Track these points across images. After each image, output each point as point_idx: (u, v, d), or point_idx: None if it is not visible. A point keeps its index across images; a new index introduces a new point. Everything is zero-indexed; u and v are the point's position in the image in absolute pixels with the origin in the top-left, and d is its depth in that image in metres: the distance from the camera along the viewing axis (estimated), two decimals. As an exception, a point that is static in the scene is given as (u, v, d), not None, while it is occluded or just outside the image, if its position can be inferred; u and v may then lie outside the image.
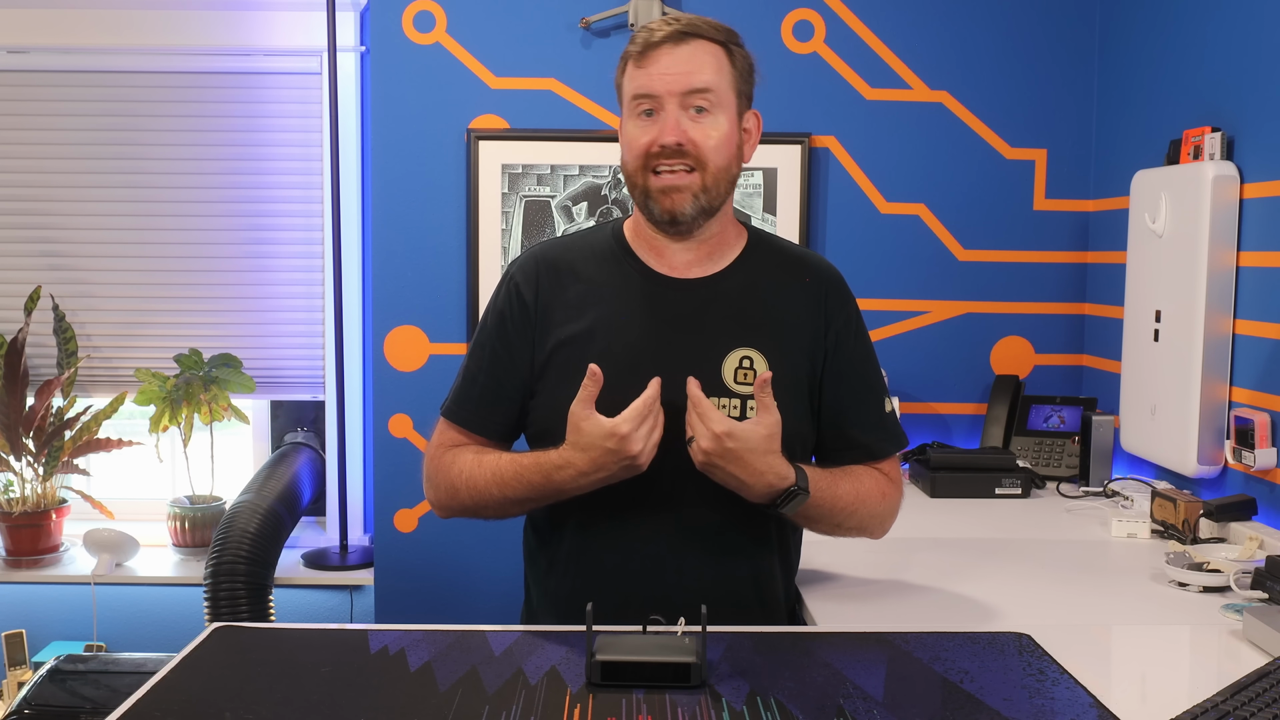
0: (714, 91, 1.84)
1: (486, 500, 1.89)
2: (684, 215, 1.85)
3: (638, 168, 1.87)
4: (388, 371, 3.41)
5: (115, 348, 3.79)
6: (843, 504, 1.89)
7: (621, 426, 1.72)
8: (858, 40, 3.35)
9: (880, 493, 1.96)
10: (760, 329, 1.91)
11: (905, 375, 3.37)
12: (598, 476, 1.78)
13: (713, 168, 1.85)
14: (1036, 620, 1.89)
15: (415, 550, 3.44)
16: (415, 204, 3.37)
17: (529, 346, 1.92)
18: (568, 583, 1.93)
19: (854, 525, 1.94)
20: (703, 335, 1.89)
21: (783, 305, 1.94)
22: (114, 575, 3.57)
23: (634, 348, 1.87)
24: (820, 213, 3.38)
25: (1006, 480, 2.92)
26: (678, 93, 1.82)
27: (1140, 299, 2.89)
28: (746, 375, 1.87)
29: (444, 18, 3.32)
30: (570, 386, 1.80)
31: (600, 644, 1.53)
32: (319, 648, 1.67)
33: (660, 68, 1.83)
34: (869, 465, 1.98)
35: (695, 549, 1.88)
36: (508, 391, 1.94)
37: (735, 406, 1.86)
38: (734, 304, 1.92)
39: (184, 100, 3.72)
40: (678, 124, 1.82)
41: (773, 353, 1.89)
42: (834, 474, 1.89)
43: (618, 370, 1.82)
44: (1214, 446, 2.62)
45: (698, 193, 1.84)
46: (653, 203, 1.86)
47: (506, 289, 1.96)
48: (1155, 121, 3.01)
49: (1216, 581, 2.08)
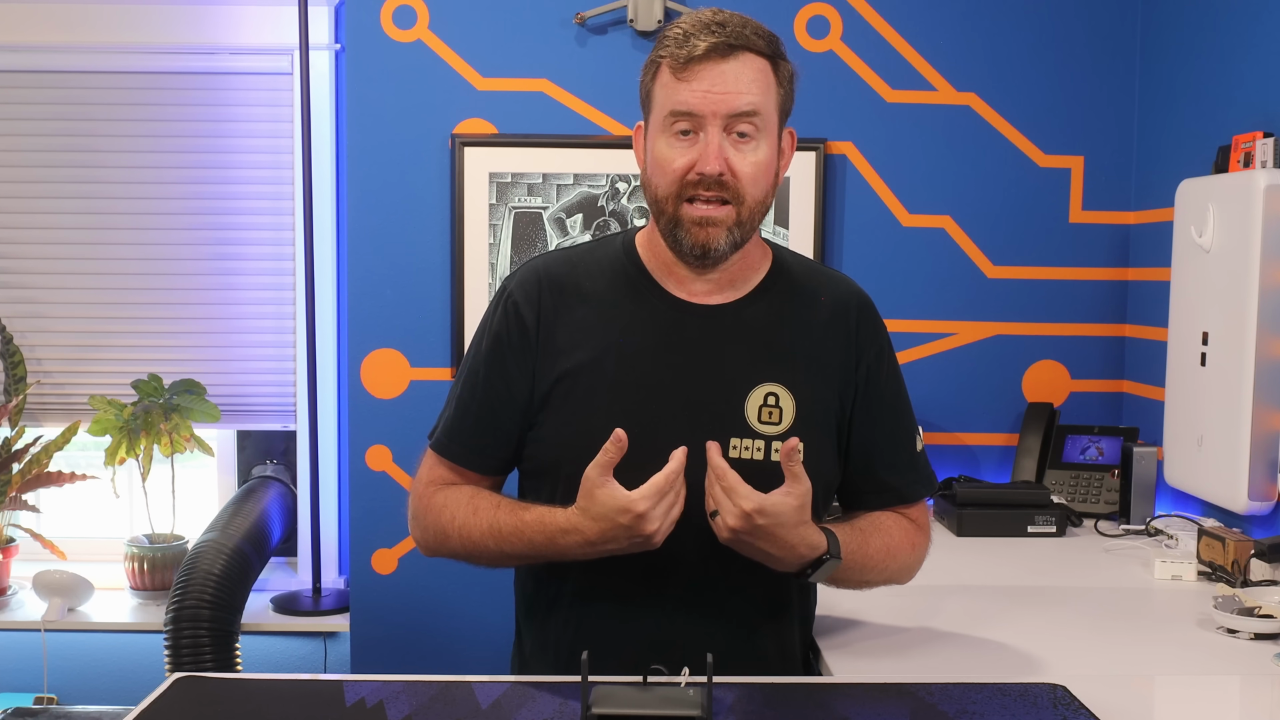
0: (760, 115, 1.81)
1: (480, 552, 1.88)
2: (717, 251, 1.84)
3: (670, 194, 1.83)
4: (365, 399, 3.42)
5: (68, 373, 3.80)
6: (873, 562, 1.89)
7: (639, 505, 1.70)
8: (877, 37, 3.37)
9: (910, 543, 1.97)
10: (786, 362, 1.90)
11: (930, 403, 3.38)
12: (606, 548, 1.76)
13: (750, 201, 1.83)
14: (1073, 670, 1.90)
15: (395, 594, 3.44)
16: (395, 216, 3.39)
17: (529, 375, 1.90)
18: (569, 631, 1.92)
19: (881, 580, 1.95)
20: (723, 369, 1.88)
21: (811, 336, 1.93)
22: (66, 621, 3.57)
23: (647, 381, 1.86)
24: (837, 226, 3.40)
25: (1040, 517, 2.93)
26: (723, 114, 1.79)
27: (1186, 320, 2.90)
28: (772, 414, 1.86)
29: (426, 13, 3.35)
30: (574, 421, 1.81)
31: (597, 696, 1.54)
32: (290, 700, 1.67)
33: (704, 84, 1.79)
34: (897, 511, 1.98)
35: (705, 600, 1.88)
36: (503, 424, 1.92)
37: (759, 449, 1.85)
38: (758, 334, 1.91)
39: (143, 103, 3.74)
40: (720, 151, 1.80)
41: (801, 389, 1.88)
42: (863, 531, 1.90)
43: (627, 407, 1.83)
44: (1266, 481, 2.63)
45: (732, 227, 1.83)
46: (683, 234, 1.84)
47: (504, 308, 1.94)
48: (1202, 126, 3.03)
49: (1269, 628, 2.09)
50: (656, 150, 1.85)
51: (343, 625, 3.57)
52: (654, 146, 1.86)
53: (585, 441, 1.78)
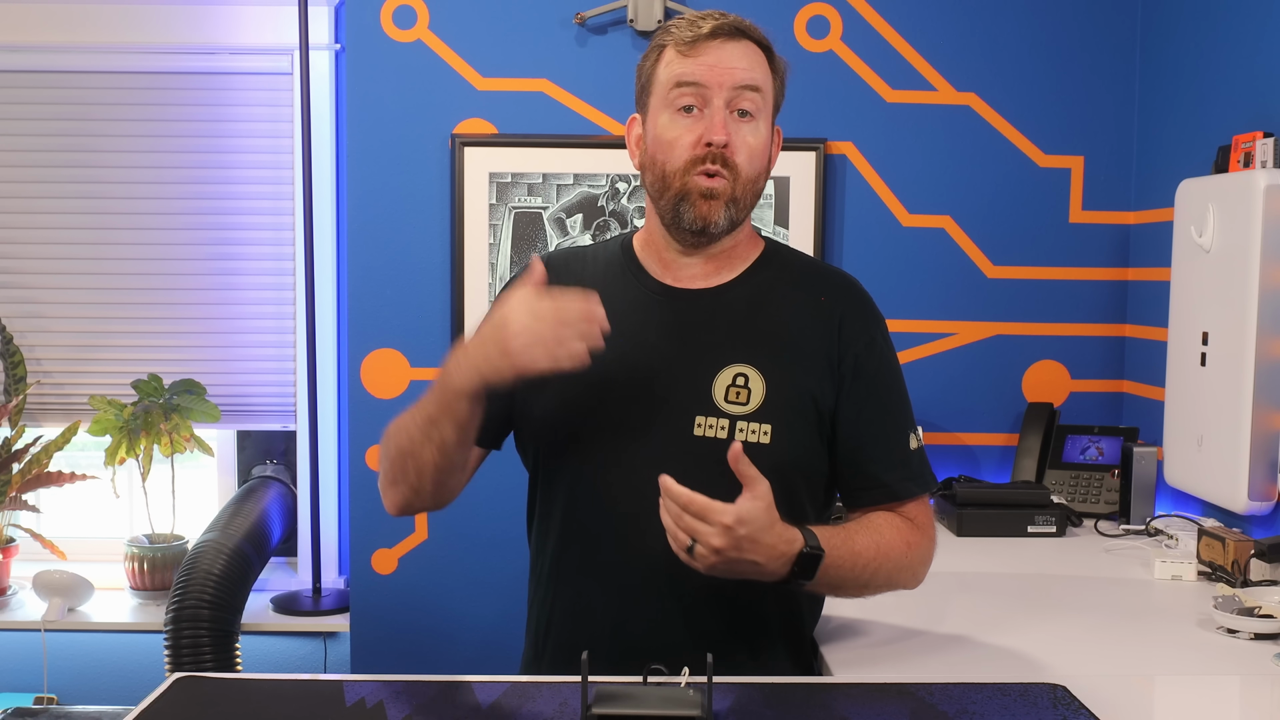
0: (761, 93, 1.89)
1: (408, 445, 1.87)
2: (716, 225, 1.88)
3: (678, 169, 1.87)
4: (365, 399, 3.43)
5: (68, 373, 3.81)
6: (864, 560, 1.85)
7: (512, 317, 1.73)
8: (877, 37, 3.37)
9: (905, 542, 1.92)
10: (762, 345, 1.91)
11: (929, 403, 3.38)
12: (467, 361, 1.77)
13: (745, 179, 1.88)
14: (1073, 670, 1.90)
15: (395, 593, 3.45)
16: (395, 216, 3.39)
17: None
18: (565, 631, 1.94)
19: (882, 582, 1.91)
20: (695, 348, 1.91)
21: (792, 322, 1.94)
22: (66, 621, 3.57)
23: (619, 360, 1.88)
24: (837, 225, 3.40)
25: (1040, 517, 2.93)
26: (728, 86, 1.85)
27: (1186, 320, 2.90)
28: (740, 394, 1.88)
29: (426, 13, 3.35)
30: (546, 394, 1.88)
31: (597, 696, 1.54)
32: (289, 700, 1.67)
33: (710, 59, 1.86)
34: (891, 510, 1.97)
35: (706, 596, 1.88)
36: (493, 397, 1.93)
37: (724, 427, 1.86)
38: (735, 317, 1.93)
39: (143, 103, 3.74)
40: (725, 122, 1.85)
41: (774, 372, 1.89)
42: (848, 529, 1.88)
43: (597, 382, 1.86)
44: (1266, 480, 2.63)
45: (729, 202, 1.87)
46: (688, 207, 1.87)
47: (502, 297, 1.99)
48: (1202, 126, 3.03)
49: (1269, 628, 2.09)
50: (659, 128, 1.89)
51: (343, 625, 3.57)
52: (656, 125, 1.90)
53: (556, 416, 1.92)
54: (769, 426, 1.86)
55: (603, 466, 1.90)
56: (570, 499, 1.94)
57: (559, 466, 1.95)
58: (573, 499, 1.93)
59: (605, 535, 1.91)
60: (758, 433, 1.86)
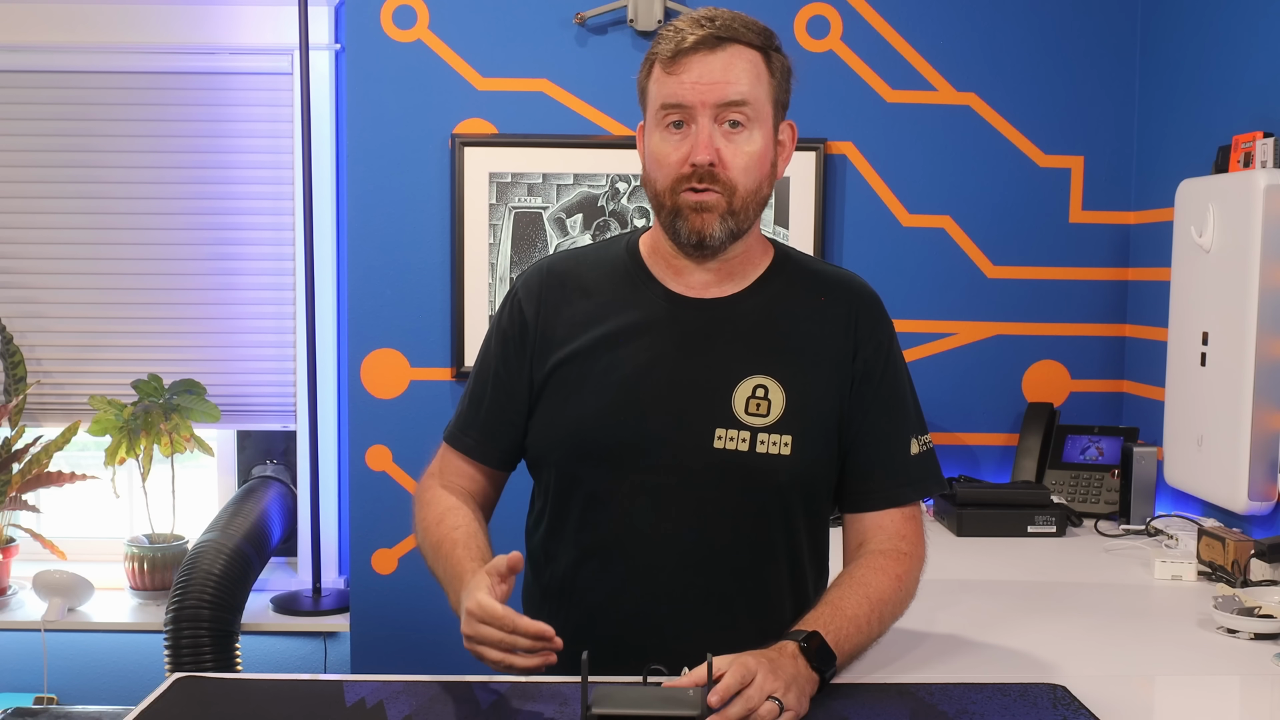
0: (750, 104, 1.83)
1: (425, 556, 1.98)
2: (713, 238, 1.85)
3: (667, 187, 1.86)
4: (365, 399, 3.43)
5: (68, 373, 3.81)
6: (862, 622, 1.80)
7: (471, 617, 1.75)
8: (877, 37, 3.37)
9: (895, 581, 1.87)
10: (779, 356, 1.90)
11: (929, 403, 3.32)
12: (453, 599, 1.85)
13: (742, 191, 1.84)
14: (1073, 670, 1.90)
15: (395, 594, 3.45)
16: (395, 216, 3.39)
17: (528, 366, 1.95)
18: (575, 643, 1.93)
19: (884, 630, 1.87)
20: (714, 360, 1.90)
21: (806, 330, 1.93)
22: (66, 621, 3.58)
23: (636, 372, 1.88)
24: (837, 226, 3.40)
25: (1040, 517, 2.93)
26: (711, 104, 1.81)
27: (1186, 320, 2.90)
28: (760, 406, 1.87)
29: (426, 13, 3.35)
30: (565, 407, 1.85)
31: (596, 696, 1.54)
32: (289, 700, 1.68)
33: (693, 75, 1.81)
34: (880, 519, 1.94)
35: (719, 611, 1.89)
36: (511, 416, 1.97)
37: (744, 439, 1.85)
38: (752, 327, 1.92)
39: (143, 103, 3.74)
40: (710, 140, 1.82)
41: (793, 383, 1.88)
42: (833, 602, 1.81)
43: (615, 396, 1.86)
44: (1266, 480, 2.63)
45: (724, 215, 1.84)
46: (682, 222, 1.85)
47: (510, 305, 2.00)
48: (1202, 126, 3.03)
49: (1269, 628, 2.09)
50: (652, 145, 1.88)
51: (343, 625, 3.57)
52: (650, 142, 1.89)
53: (574, 428, 1.89)
54: (789, 438, 1.85)
55: (622, 480, 1.89)
56: (586, 512, 1.92)
57: (574, 479, 1.92)
58: (589, 512, 1.91)
59: (622, 549, 1.89)
60: (778, 444, 1.85)
